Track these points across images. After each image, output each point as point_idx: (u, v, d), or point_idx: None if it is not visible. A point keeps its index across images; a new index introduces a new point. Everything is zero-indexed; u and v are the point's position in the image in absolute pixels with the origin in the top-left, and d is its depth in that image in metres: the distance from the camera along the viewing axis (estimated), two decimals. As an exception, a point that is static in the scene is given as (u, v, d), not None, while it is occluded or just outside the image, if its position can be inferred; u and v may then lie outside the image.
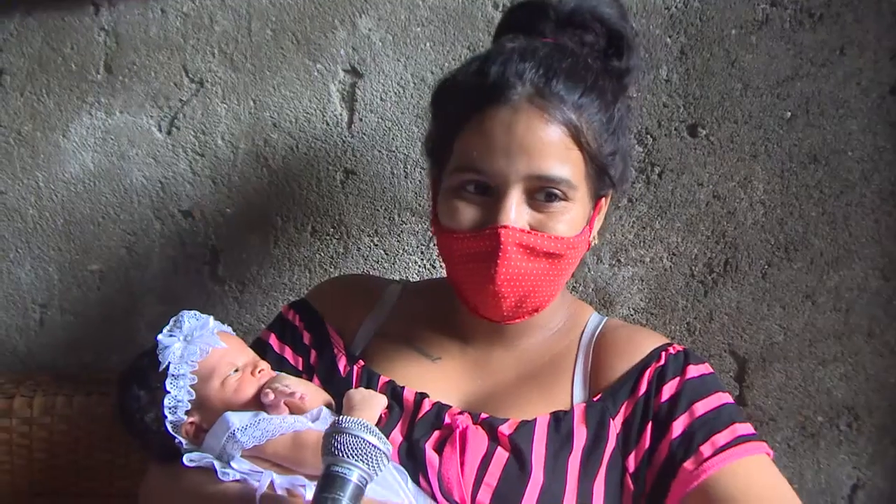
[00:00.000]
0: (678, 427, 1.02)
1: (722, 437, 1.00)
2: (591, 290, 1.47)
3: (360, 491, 0.79)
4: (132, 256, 1.55)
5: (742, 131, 1.39)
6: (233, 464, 0.96)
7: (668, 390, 1.04)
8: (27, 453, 1.41)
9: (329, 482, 0.79)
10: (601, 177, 1.04)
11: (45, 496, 1.42)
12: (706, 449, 1.00)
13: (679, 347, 1.10)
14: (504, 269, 0.98)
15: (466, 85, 1.03)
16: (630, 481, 1.03)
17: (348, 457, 0.79)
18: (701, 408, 1.03)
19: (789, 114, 1.39)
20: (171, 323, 1.05)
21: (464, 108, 1.01)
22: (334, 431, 0.81)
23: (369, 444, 0.80)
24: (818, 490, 1.49)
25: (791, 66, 1.37)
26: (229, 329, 1.10)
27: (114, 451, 1.40)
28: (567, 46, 1.05)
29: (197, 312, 1.07)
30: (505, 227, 0.97)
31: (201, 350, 1.02)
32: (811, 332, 1.44)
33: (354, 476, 0.79)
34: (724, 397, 1.05)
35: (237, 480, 0.95)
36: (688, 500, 0.98)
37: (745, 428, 1.03)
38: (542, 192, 0.99)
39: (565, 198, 1.00)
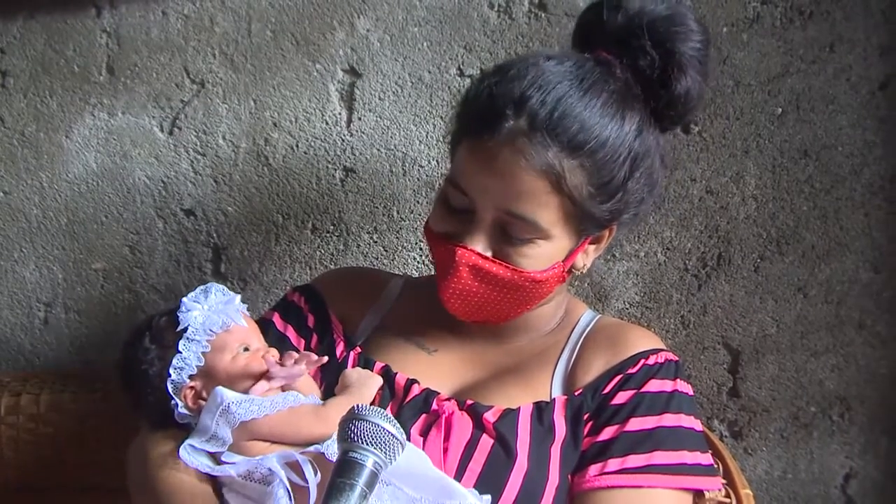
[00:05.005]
0: (606, 433, 1.04)
1: (636, 460, 1.01)
2: (586, 284, 1.49)
3: (374, 477, 0.79)
4: (135, 255, 1.57)
5: (734, 127, 1.42)
6: (225, 459, 0.97)
7: (621, 397, 1.06)
8: (34, 450, 1.43)
9: (345, 467, 0.79)
10: (587, 218, 1.02)
11: (52, 491, 1.44)
12: (614, 463, 1.01)
13: (664, 357, 1.10)
14: (453, 285, 1.02)
15: (473, 101, 1.02)
16: None
17: (364, 443, 0.79)
18: (636, 424, 1.03)
19: (780, 110, 1.41)
20: (199, 290, 1.06)
21: (466, 124, 1.03)
22: (351, 418, 0.81)
23: (386, 431, 0.80)
24: (811, 479, 1.52)
25: (782, 63, 1.39)
26: (247, 312, 1.12)
27: (120, 446, 1.40)
28: (594, 74, 0.99)
29: (225, 288, 1.08)
30: (464, 247, 1.00)
31: (224, 322, 1.03)
32: (803, 325, 1.47)
33: (370, 462, 0.79)
34: (670, 419, 1.04)
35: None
36: (576, 499, 1.02)
37: (674, 457, 1.02)
38: (511, 227, 1.00)
39: (535, 235, 1.00)
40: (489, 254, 1.01)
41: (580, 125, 0.96)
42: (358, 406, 0.83)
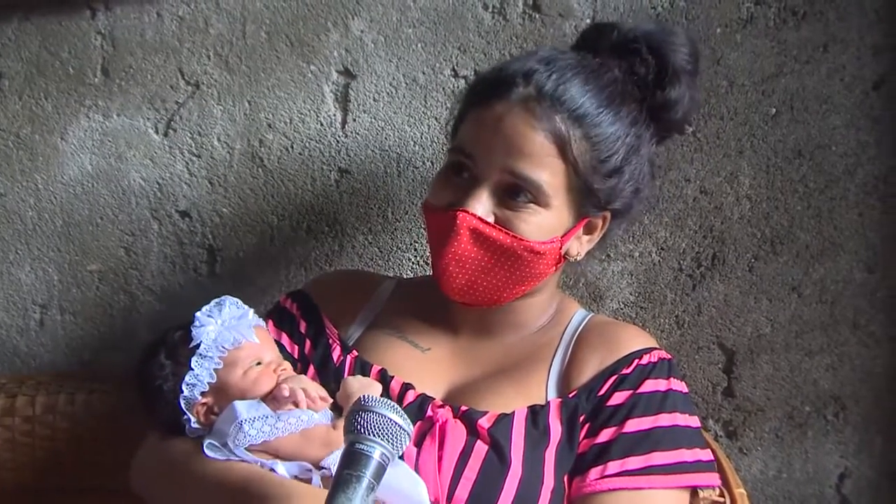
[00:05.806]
0: (605, 435, 1.05)
1: (635, 461, 1.02)
2: (581, 284, 1.49)
3: (382, 469, 0.78)
4: (130, 256, 1.57)
5: (728, 128, 1.42)
6: (238, 454, 0.98)
7: (617, 398, 1.07)
8: (30, 451, 1.44)
9: (351, 459, 0.78)
10: (587, 195, 1.05)
11: (48, 493, 1.45)
12: (614, 466, 1.02)
13: (657, 356, 1.11)
14: (453, 249, 1.03)
15: (486, 78, 1.10)
16: None
17: (371, 434, 0.78)
18: (633, 425, 1.05)
19: (774, 110, 1.41)
20: (213, 304, 1.08)
21: (475, 97, 1.08)
22: (358, 409, 0.80)
23: (393, 422, 0.80)
24: (806, 479, 1.52)
25: (775, 63, 1.39)
26: (263, 324, 1.13)
27: (116, 447, 1.42)
28: (595, 64, 1.08)
29: (239, 301, 1.10)
30: (465, 211, 1.02)
31: (235, 339, 1.05)
32: (797, 324, 1.47)
33: (377, 454, 0.78)
34: (665, 419, 1.05)
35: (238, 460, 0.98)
36: (577, 503, 1.03)
37: (672, 457, 1.03)
38: (514, 190, 1.02)
39: (536, 201, 1.02)
40: (490, 219, 1.03)
41: (582, 101, 1.02)
42: (365, 397, 0.82)
